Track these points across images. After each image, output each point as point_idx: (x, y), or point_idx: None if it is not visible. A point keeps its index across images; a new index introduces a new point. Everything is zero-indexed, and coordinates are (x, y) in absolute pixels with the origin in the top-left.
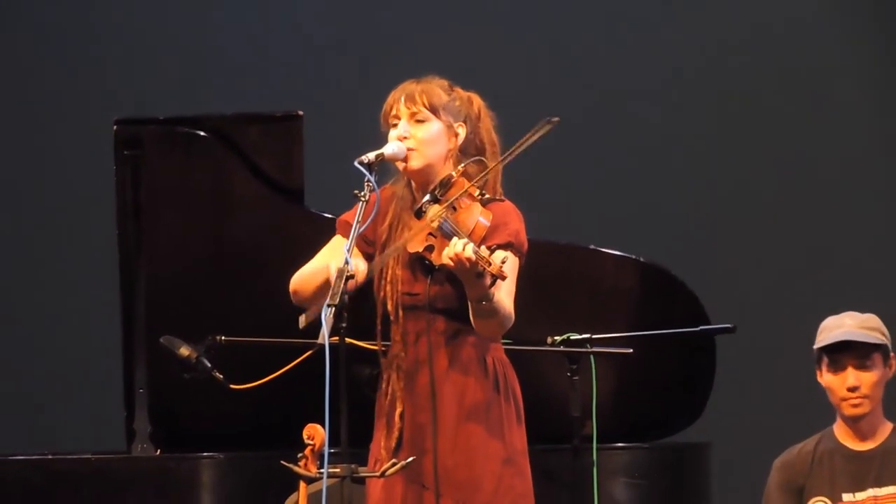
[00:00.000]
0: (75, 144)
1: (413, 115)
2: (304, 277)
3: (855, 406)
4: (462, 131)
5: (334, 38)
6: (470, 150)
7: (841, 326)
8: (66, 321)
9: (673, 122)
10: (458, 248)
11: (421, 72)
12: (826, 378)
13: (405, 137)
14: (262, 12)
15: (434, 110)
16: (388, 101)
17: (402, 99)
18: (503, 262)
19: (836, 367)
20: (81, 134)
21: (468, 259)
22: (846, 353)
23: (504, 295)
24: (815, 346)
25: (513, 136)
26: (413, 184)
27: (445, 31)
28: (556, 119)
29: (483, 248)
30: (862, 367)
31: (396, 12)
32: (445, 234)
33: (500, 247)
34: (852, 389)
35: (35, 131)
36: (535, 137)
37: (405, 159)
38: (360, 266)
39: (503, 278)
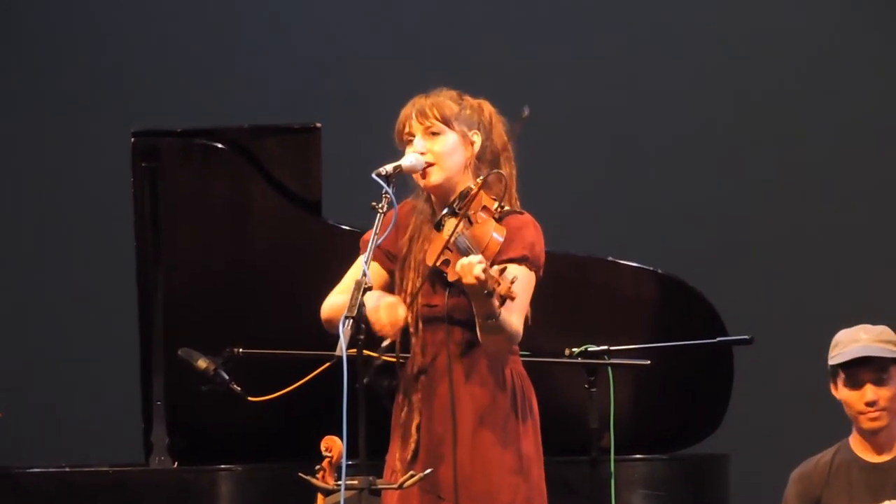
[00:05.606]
0: (93, 156)
1: (427, 129)
2: (339, 308)
3: (873, 420)
4: (477, 139)
5: (352, 49)
6: (486, 157)
7: (856, 341)
8: (84, 333)
9: (692, 133)
10: (469, 266)
11: (438, 80)
12: (843, 392)
13: (423, 153)
14: (278, 23)
15: (447, 121)
16: (399, 118)
17: (414, 115)
18: (513, 282)
19: (854, 383)
20: (99, 146)
21: (477, 277)
22: (863, 368)
23: (514, 312)
24: (831, 363)
25: (523, 142)
26: (433, 197)
27: (462, 38)
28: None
29: (494, 267)
30: (879, 381)
31: (413, 21)
32: (459, 250)
33: (514, 260)
34: (870, 404)
35: (53, 143)
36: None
37: (424, 175)
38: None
39: (512, 299)
